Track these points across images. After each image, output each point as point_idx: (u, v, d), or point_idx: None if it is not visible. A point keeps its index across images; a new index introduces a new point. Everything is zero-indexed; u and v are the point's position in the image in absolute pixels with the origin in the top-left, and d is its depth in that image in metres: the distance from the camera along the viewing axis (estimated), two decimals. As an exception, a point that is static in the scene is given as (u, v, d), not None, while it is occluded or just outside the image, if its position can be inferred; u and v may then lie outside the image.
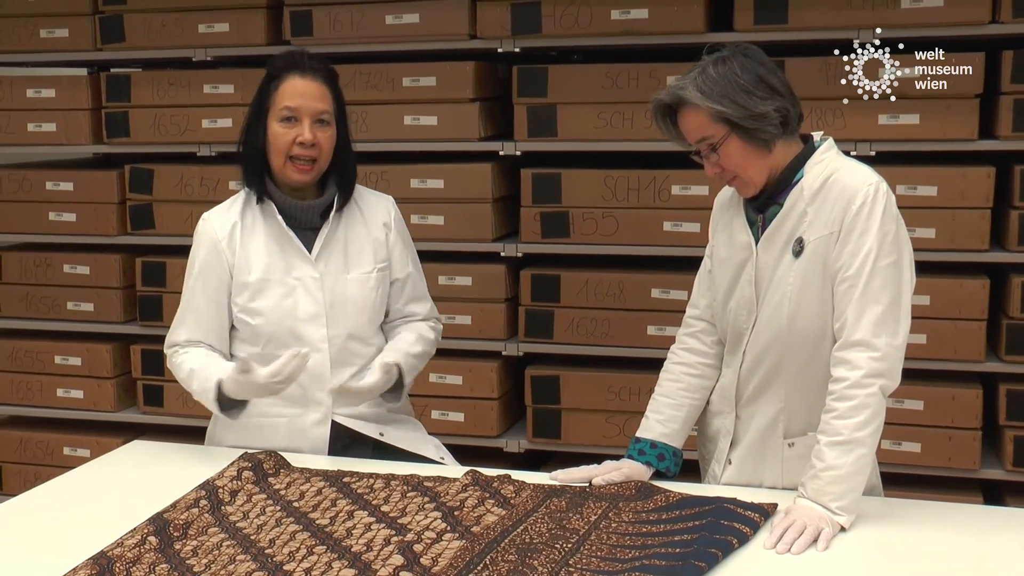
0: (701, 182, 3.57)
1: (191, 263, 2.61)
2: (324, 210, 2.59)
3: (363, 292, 2.61)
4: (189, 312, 2.60)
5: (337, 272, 2.59)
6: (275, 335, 2.56)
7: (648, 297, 3.71)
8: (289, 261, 2.57)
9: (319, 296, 2.57)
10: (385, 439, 2.62)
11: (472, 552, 1.94)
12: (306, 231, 2.58)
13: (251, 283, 2.56)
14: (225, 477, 2.32)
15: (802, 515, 2.04)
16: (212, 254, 2.57)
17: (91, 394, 4.26)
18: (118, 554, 1.98)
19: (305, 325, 2.56)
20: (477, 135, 3.79)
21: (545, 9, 3.64)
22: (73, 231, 4.22)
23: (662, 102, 2.20)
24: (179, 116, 4.05)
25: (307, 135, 2.49)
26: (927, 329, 3.44)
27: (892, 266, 2.12)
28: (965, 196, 3.44)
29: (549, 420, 3.84)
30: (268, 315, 2.56)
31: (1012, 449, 3.48)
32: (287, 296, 2.56)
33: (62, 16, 4.12)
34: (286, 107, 2.50)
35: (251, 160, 2.56)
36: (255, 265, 2.56)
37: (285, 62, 2.55)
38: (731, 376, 2.33)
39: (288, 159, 2.51)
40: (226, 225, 2.58)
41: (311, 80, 2.53)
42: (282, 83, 2.52)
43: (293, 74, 2.52)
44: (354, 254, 2.61)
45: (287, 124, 2.50)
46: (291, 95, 2.51)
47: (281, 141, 2.50)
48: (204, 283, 2.58)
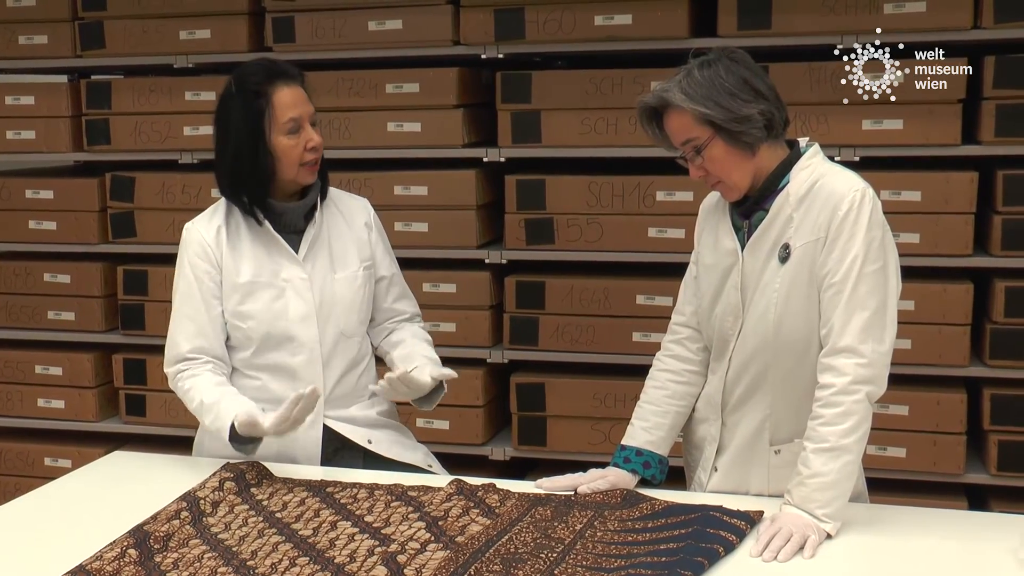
0: (686, 188, 3.56)
1: (180, 272, 2.58)
2: (307, 211, 2.59)
3: (351, 291, 2.62)
4: (186, 321, 2.56)
5: (324, 272, 2.59)
6: (268, 337, 2.55)
7: (633, 303, 3.70)
8: (277, 263, 2.56)
9: (309, 297, 2.56)
10: (372, 447, 2.61)
11: (457, 562, 1.92)
12: (291, 234, 2.58)
13: (240, 286, 2.54)
14: (207, 488, 2.30)
15: (788, 522, 2.03)
16: (203, 258, 2.55)
17: (72, 404, 4.22)
18: (97, 567, 1.96)
19: (296, 326, 2.55)
20: (461, 141, 3.78)
21: (529, 15, 3.63)
22: (54, 239, 4.18)
23: (647, 104, 2.20)
24: (160, 123, 4.02)
25: (316, 138, 2.52)
26: (912, 334, 3.44)
27: (878, 272, 2.11)
28: (949, 201, 3.44)
29: (534, 427, 3.82)
30: (259, 317, 2.54)
31: (996, 453, 3.49)
32: (277, 298, 2.55)
33: (41, 23, 4.09)
34: (291, 119, 2.48)
35: (255, 182, 2.51)
36: (244, 269, 2.55)
37: (266, 74, 2.50)
38: (717, 383, 2.32)
39: (300, 166, 2.51)
40: (211, 230, 2.56)
41: (296, 85, 2.52)
42: (274, 96, 2.48)
43: (280, 84, 2.49)
44: (339, 254, 2.62)
45: (294, 135, 2.49)
46: (290, 106, 2.48)
47: (294, 153, 2.49)
48: (199, 288, 2.55)
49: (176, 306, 2.58)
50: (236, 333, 2.57)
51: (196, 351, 2.54)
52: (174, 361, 2.56)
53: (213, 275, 2.55)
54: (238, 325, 2.56)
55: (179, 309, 2.57)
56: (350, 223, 2.67)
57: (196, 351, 2.54)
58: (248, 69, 2.54)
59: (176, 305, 2.58)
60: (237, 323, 2.56)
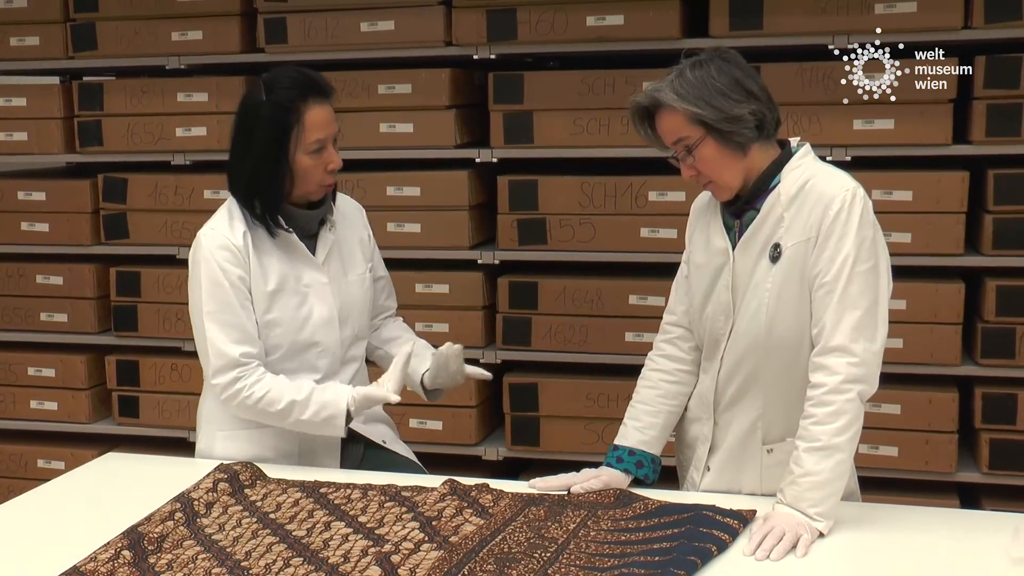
0: (678, 188, 3.57)
1: (211, 277, 2.44)
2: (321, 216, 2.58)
3: (363, 292, 2.65)
4: (229, 328, 2.44)
5: (339, 276, 2.60)
6: (293, 344, 2.53)
7: (626, 304, 3.71)
8: (298, 269, 2.53)
9: (331, 301, 2.56)
10: (376, 439, 2.64)
11: (450, 562, 1.93)
12: (305, 239, 2.55)
13: (267, 293, 2.49)
14: (201, 489, 2.29)
15: (781, 521, 2.04)
16: (235, 264, 2.45)
17: (65, 405, 4.21)
18: (91, 569, 1.96)
19: (321, 331, 2.55)
20: (453, 142, 3.78)
21: (521, 16, 3.63)
22: (46, 241, 4.18)
23: (639, 104, 2.21)
24: (153, 125, 4.02)
25: (338, 160, 2.45)
26: (903, 333, 3.45)
27: (869, 272, 2.12)
28: (940, 201, 3.45)
29: (527, 428, 3.82)
30: (285, 325, 2.51)
31: (988, 452, 3.50)
32: (301, 304, 2.53)
33: (33, 24, 4.08)
34: (318, 139, 2.40)
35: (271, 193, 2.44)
36: (271, 276, 2.50)
37: (301, 89, 2.40)
38: (709, 382, 2.33)
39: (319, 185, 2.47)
40: (238, 236, 2.46)
41: (327, 103, 2.43)
42: (306, 114, 2.39)
43: (315, 102, 2.40)
44: (348, 257, 2.63)
45: (316, 155, 2.42)
46: (320, 126, 2.40)
47: (315, 173, 2.43)
48: (235, 294, 2.44)
49: (210, 313, 2.44)
50: (264, 341, 2.51)
51: (247, 356, 2.45)
52: (228, 368, 2.44)
53: (247, 280, 2.47)
54: (266, 333, 2.51)
55: (215, 316, 2.44)
56: (352, 225, 2.67)
57: (247, 356, 2.45)
58: (281, 79, 2.43)
59: (210, 311, 2.44)
60: (265, 331, 2.50)
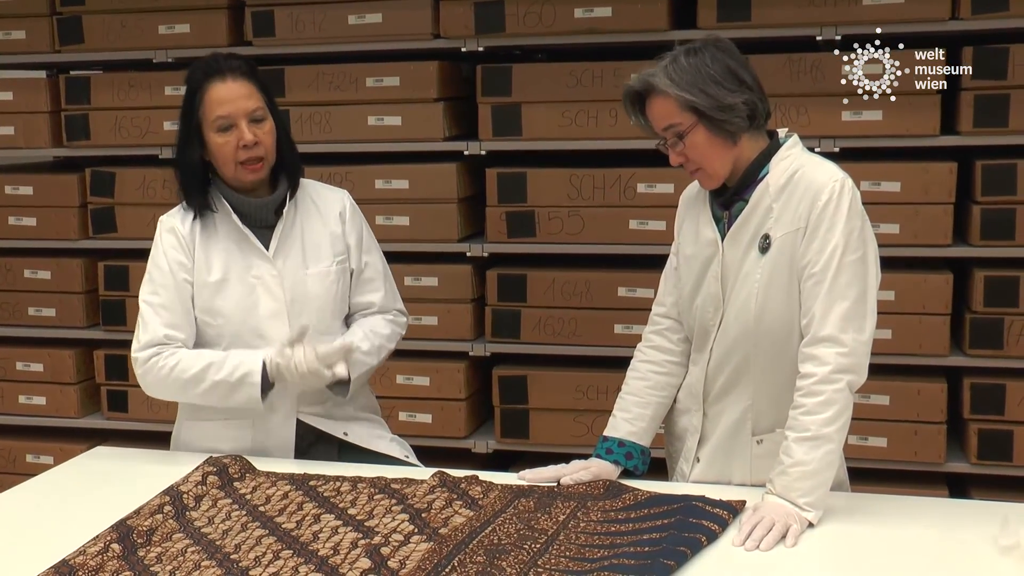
0: (667, 180, 3.57)
1: (155, 261, 2.55)
2: (278, 206, 2.57)
3: (323, 287, 2.60)
4: (161, 310, 2.51)
5: (296, 268, 2.57)
6: (237, 335, 2.53)
7: (615, 296, 3.71)
8: (248, 259, 2.55)
9: (279, 293, 2.55)
10: (350, 438, 2.61)
11: (440, 554, 1.92)
12: (261, 229, 2.56)
13: (211, 283, 2.53)
14: (190, 482, 2.29)
15: (770, 512, 2.04)
16: (178, 250, 2.54)
17: (54, 400, 4.20)
18: (80, 562, 1.95)
19: (267, 323, 2.54)
20: (442, 135, 3.77)
21: (508, 8, 3.63)
22: (34, 235, 4.17)
23: (632, 89, 2.21)
24: (140, 118, 4.00)
25: (247, 136, 2.47)
26: (892, 324, 3.46)
27: (858, 262, 2.12)
28: (928, 191, 3.46)
29: (517, 420, 3.83)
30: (229, 315, 2.53)
31: (976, 442, 3.51)
32: (248, 295, 2.54)
33: (19, 18, 4.07)
34: (219, 116, 2.46)
35: (191, 178, 2.53)
36: (215, 265, 2.54)
37: (203, 71, 2.50)
38: (698, 373, 2.33)
39: (237, 164, 2.49)
40: (186, 223, 2.56)
41: (233, 81, 2.49)
42: (206, 93, 2.48)
43: (214, 81, 2.48)
44: (311, 249, 2.60)
45: (225, 132, 2.47)
46: (220, 102, 2.47)
47: (226, 151, 2.48)
48: (174, 280, 2.53)
49: (147, 294, 2.54)
50: (207, 330, 2.55)
51: (172, 338, 2.51)
52: (149, 346, 2.51)
53: (187, 267, 2.53)
54: (208, 322, 2.54)
55: (151, 298, 2.53)
56: (324, 216, 2.64)
57: (172, 338, 2.51)
58: (193, 65, 2.54)
59: (147, 293, 2.54)
60: (208, 320, 2.54)
